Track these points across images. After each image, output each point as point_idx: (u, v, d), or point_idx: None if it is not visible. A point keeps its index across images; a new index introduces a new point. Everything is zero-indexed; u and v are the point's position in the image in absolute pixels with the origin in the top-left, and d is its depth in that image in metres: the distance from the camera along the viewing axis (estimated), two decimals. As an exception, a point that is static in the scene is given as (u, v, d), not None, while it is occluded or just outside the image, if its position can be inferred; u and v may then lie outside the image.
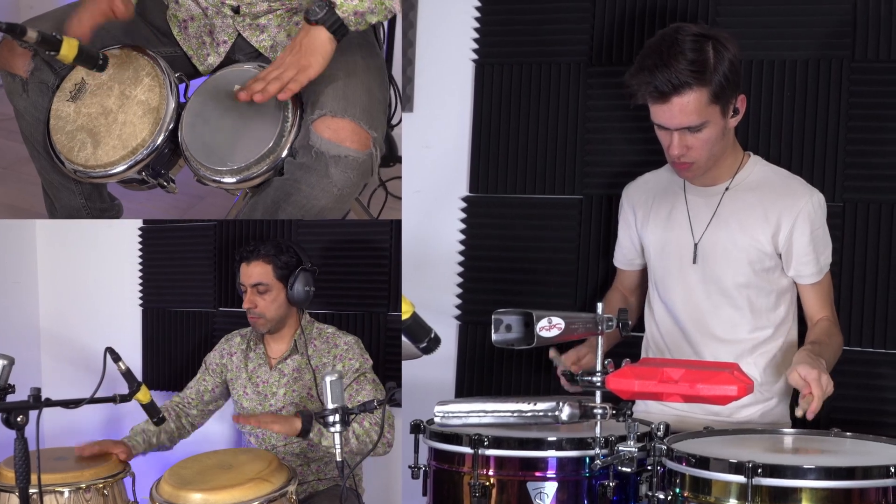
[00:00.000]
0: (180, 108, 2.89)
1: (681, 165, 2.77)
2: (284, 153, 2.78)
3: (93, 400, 2.64)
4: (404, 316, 2.40)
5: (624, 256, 3.10)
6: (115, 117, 2.88)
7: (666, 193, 2.94)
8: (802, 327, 2.89)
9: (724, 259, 2.81)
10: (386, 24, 3.41)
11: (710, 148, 2.73)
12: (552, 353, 2.84)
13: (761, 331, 2.83)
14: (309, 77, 2.71)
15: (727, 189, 2.84)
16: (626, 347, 2.94)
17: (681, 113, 2.65)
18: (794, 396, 2.88)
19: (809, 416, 2.48)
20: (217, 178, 2.83)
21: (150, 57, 2.94)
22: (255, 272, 3.19)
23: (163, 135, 2.86)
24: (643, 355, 3.01)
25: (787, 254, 2.78)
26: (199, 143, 2.85)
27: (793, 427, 2.74)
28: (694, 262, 2.84)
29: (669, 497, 2.29)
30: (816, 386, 2.48)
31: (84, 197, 3.19)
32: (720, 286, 2.82)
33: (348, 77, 2.84)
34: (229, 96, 2.83)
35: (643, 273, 3.07)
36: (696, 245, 2.84)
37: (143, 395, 2.88)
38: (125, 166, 2.86)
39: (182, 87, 2.97)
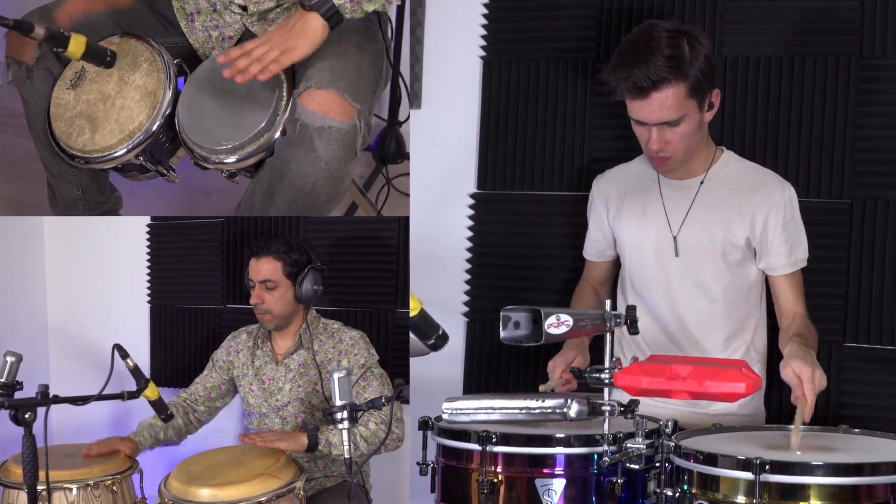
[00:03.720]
0: (178, 93, 2.89)
1: (659, 160, 2.79)
2: (279, 132, 2.78)
3: (101, 397, 2.65)
4: (412, 312, 2.40)
5: (595, 249, 3.10)
6: (112, 102, 2.89)
7: (639, 187, 2.95)
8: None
9: (702, 252, 2.83)
10: (394, 20, 3.41)
11: (688, 141, 2.75)
12: (542, 388, 2.78)
13: (734, 322, 2.85)
14: (292, 59, 2.71)
15: (702, 182, 2.85)
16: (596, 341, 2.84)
17: (660, 108, 2.66)
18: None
19: (807, 420, 2.48)
20: (212, 158, 2.83)
21: (149, 44, 2.95)
22: (264, 268, 3.20)
23: (160, 119, 2.87)
24: (617, 353, 2.98)
25: (761, 245, 2.80)
26: (194, 123, 2.85)
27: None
28: (676, 255, 2.85)
29: (677, 494, 2.29)
30: (809, 386, 2.48)
31: (81, 189, 3.19)
32: (697, 279, 2.84)
33: (338, 55, 2.83)
34: (225, 79, 2.83)
35: (614, 263, 3.08)
36: (675, 238, 2.85)
37: (151, 391, 2.89)
38: (123, 150, 2.87)
39: (181, 78, 2.97)
